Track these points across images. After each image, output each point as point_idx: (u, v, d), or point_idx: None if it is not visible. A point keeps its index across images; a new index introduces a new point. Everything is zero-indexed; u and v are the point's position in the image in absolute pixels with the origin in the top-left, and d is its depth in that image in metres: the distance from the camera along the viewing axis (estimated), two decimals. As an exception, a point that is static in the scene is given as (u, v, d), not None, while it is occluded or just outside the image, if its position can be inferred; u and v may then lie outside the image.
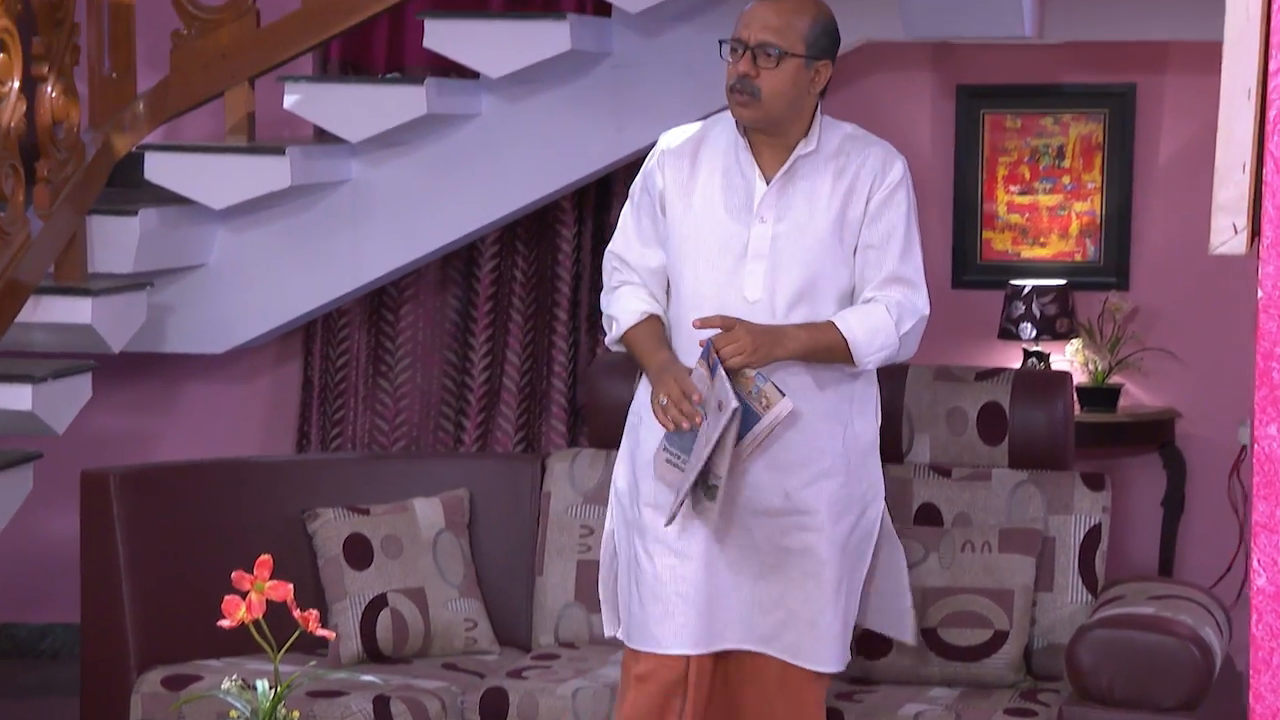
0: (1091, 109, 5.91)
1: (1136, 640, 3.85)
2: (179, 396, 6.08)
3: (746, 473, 3.55)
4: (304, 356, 6.13)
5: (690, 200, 3.61)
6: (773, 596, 3.61)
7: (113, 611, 4.43)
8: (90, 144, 5.13)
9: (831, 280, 3.57)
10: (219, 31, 5.24)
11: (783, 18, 3.49)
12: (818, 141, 3.57)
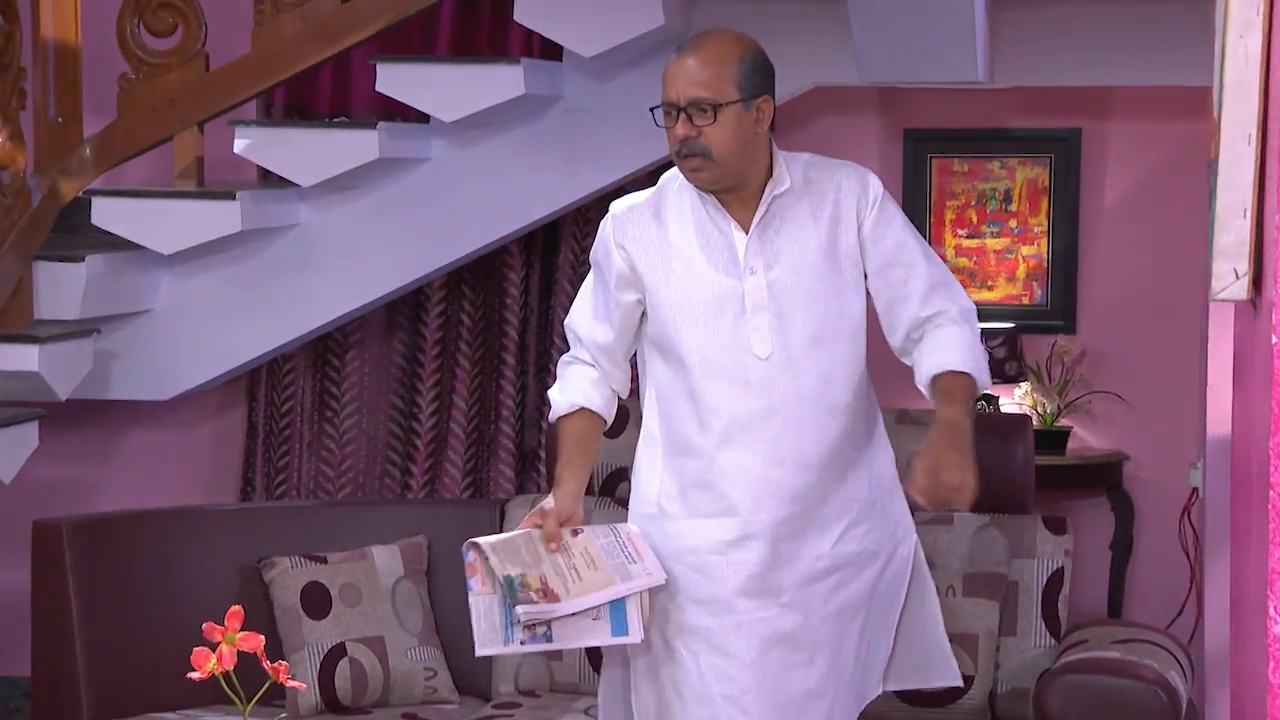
0: (1037, 153, 5.95)
1: (1104, 684, 3.89)
2: (122, 443, 6.03)
3: (786, 540, 3.34)
4: (248, 403, 6.09)
5: (670, 265, 3.39)
6: (823, 679, 3.37)
7: (64, 664, 4.38)
8: (36, 189, 5.07)
9: (840, 316, 3.37)
10: (167, 76, 5.19)
11: (709, 68, 3.28)
12: (780, 179, 3.36)
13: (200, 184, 5.30)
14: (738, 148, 3.29)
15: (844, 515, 3.39)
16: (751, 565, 3.33)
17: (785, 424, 3.32)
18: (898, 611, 3.50)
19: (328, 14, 5.19)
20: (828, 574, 3.37)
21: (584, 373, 3.52)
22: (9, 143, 4.94)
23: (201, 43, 5.18)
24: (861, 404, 3.42)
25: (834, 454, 3.36)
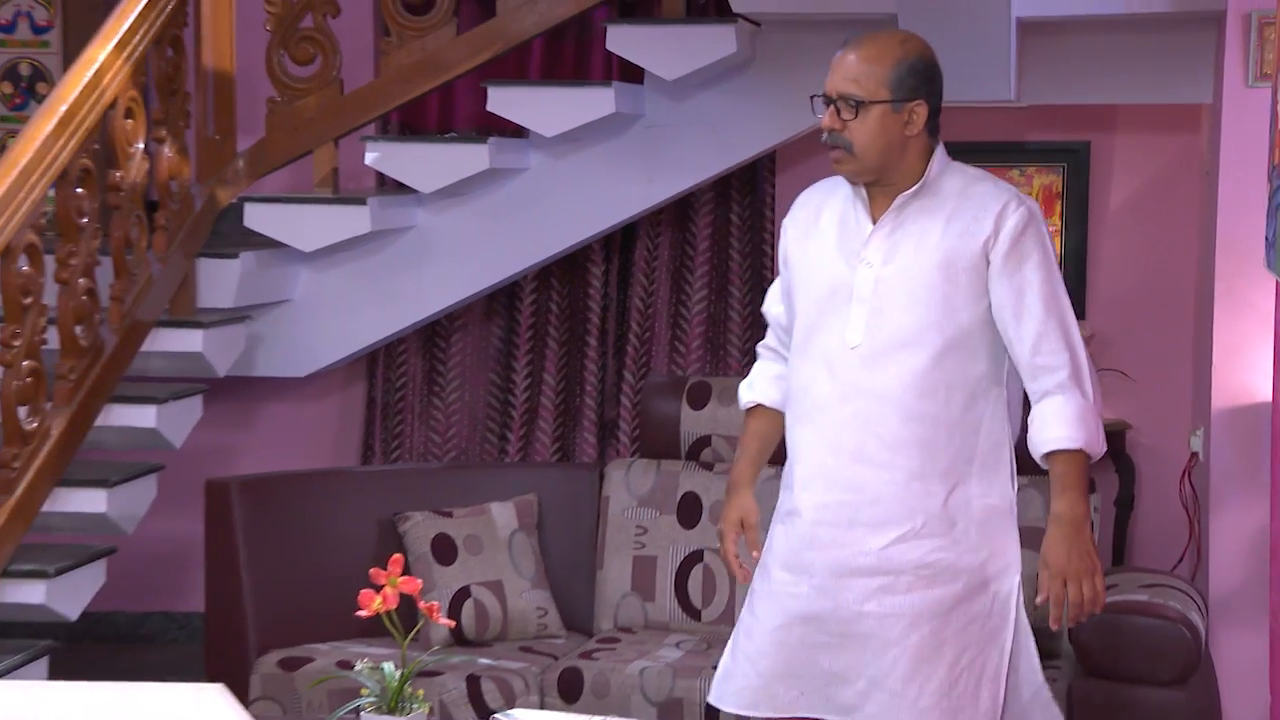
0: (1051, 163, 5.94)
1: (1136, 623, 3.90)
2: (265, 413, 6.06)
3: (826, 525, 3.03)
4: (368, 379, 6.12)
5: (807, 247, 3.12)
6: (852, 666, 3.00)
7: (234, 601, 4.42)
8: (198, 196, 5.14)
9: (937, 328, 2.96)
10: (307, 99, 5.24)
11: (863, 65, 2.96)
12: (928, 184, 3.01)
13: (335, 191, 5.36)
14: (880, 146, 2.97)
15: (904, 521, 2.97)
16: (793, 540, 3.06)
17: (852, 415, 2.99)
18: (1001, 656, 3.01)
19: (442, 46, 5.24)
20: (872, 573, 2.98)
21: (766, 368, 3.28)
22: (176, 157, 4.99)
23: (337, 70, 5.24)
24: (956, 418, 2.98)
25: (898, 456, 2.97)
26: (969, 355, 2.98)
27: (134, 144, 4.73)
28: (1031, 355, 2.96)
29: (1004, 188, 3.06)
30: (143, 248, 4.80)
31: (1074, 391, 2.95)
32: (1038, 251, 2.97)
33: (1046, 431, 2.96)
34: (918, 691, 2.95)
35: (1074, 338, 2.98)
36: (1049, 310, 2.97)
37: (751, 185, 5.93)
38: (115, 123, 4.64)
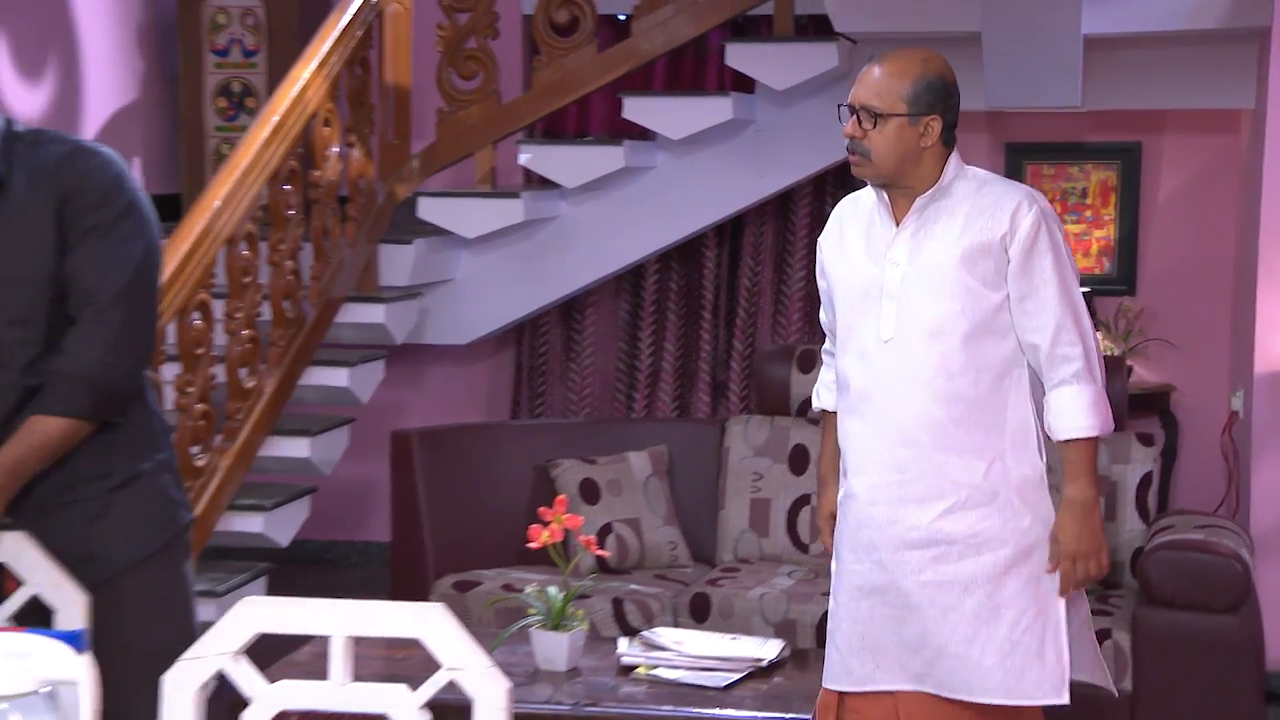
0: (1107, 160, 5.85)
1: (1192, 558, 3.83)
2: (432, 375, 6.12)
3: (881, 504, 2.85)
4: (516, 346, 6.15)
5: (840, 256, 2.95)
6: (919, 635, 2.83)
7: (415, 533, 4.46)
8: (380, 191, 5.17)
9: (961, 316, 2.79)
10: (470, 109, 5.26)
11: (885, 80, 2.79)
12: (943, 187, 2.83)
13: (493, 187, 5.38)
14: (896, 155, 2.78)
15: (948, 495, 2.80)
16: (851, 521, 2.90)
17: (892, 401, 2.82)
18: (1060, 616, 2.83)
19: (584, 63, 5.24)
20: (925, 545, 2.81)
21: (826, 375, 3.10)
22: (363, 158, 5.03)
23: (495, 84, 5.24)
24: (985, 397, 2.80)
25: (938, 436, 2.80)
26: (994, 339, 2.80)
27: (330, 148, 4.78)
28: (1051, 346, 2.78)
29: (1016, 187, 2.88)
30: (336, 235, 4.85)
31: (1088, 380, 2.79)
32: (1052, 248, 2.79)
33: (1065, 420, 2.79)
34: (980, 652, 2.78)
35: (1086, 329, 2.82)
36: (1064, 304, 2.79)
37: (844, 180, 5.87)
38: (316, 130, 4.68)
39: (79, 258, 2.43)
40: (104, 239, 2.44)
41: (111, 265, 2.44)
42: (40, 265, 2.43)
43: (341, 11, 4.85)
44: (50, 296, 2.44)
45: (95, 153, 2.50)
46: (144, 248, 2.49)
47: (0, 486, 2.37)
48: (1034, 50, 4.59)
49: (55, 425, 2.42)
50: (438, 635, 2.11)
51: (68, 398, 2.42)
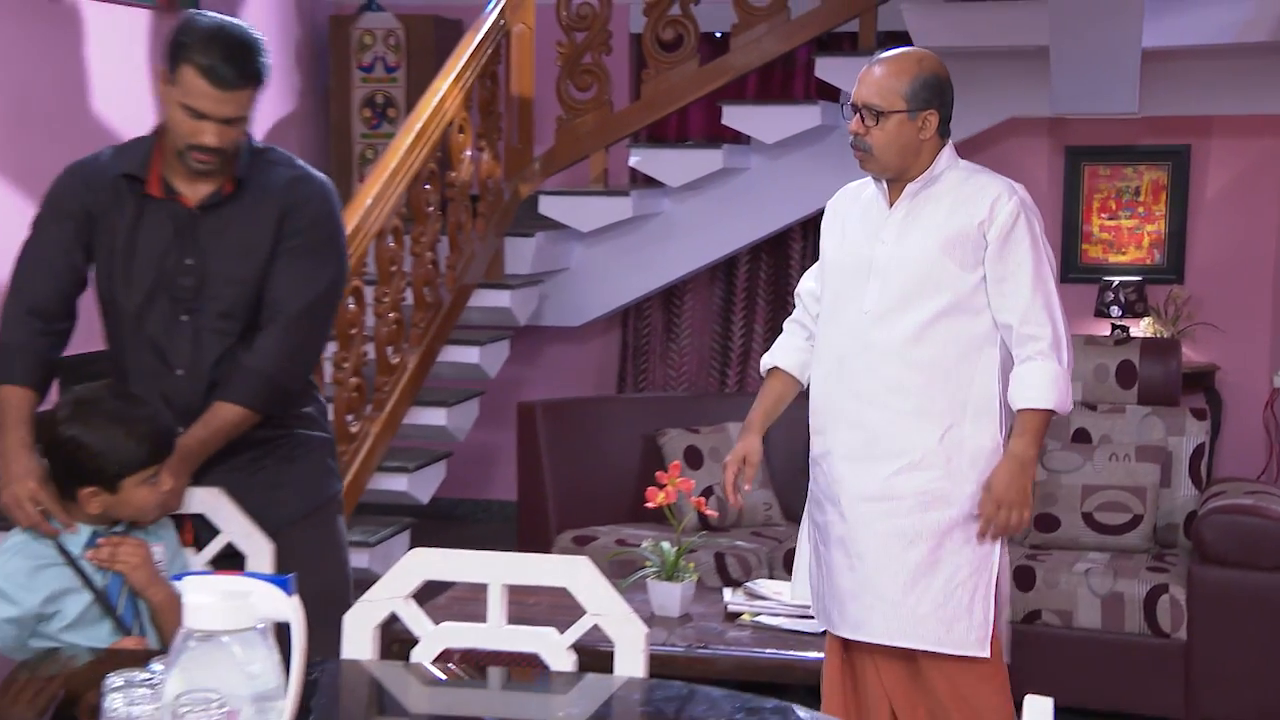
0: (1159, 162, 5.73)
1: (1243, 521, 3.76)
2: (548, 353, 6.13)
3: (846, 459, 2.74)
4: (622, 328, 6.15)
5: (840, 232, 2.83)
6: (862, 582, 2.72)
7: (539, 492, 4.49)
8: (506, 190, 5.19)
9: (935, 292, 2.67)
10: (586, 116, 5.26)
11: (883, 79, 2.68)
12: (934, 176, 2.70)
13: (605, 186, 5.37)
14: (897, 148, 2.67)
15: (904, 455, 2.69)
16: (822, 477, 2.81)
17: (866, 365, 2.71)
18: (991, 577, 2.70)
19: (687, 75, 5.21)
20: (879, 499, 2.70)
21: (789, 340, 2.97)
22: (491, 161, 5.05)
23: (609, 95, 5.24)
24: (950, 368, 2.68)
25: (903, 399, 2.69)
26: (968, 316, 2.68)
27: (464, 152, 4.80)
28: (1019, 325, 2.64)
29: (999, 179, 2.73)
30: (469, 229, 4.88)
31: (1052, 359, 2.64)
32: (1029, 237, 2.66)
33: (1025, 391, 2.65)
34: (915, 601, 2.68)
35: (1056, 313, 2.66)
36: (1036, 288, 2.65)
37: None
38: (452, 136, 4.71)
39: (280, 269, 2.49)
40: (304, 259, 2.50)
41: (305, 283, 2.50)
42: (255, 269, 2.49)
43: (475, 31, 4.87)
44: (254, 298, 2.50)
45: (318, 182, 2.55)
46: (334, 274, 2.56)
47: (187, 461, 2.44)
48: (1097, 62, 4.50)
49: (235, 413, 2.49)
50: (585, 584, 2.12)
51: (250, 391, 2.49)
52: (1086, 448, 4.24)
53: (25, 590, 2.24)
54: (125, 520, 2.34)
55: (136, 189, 2.48)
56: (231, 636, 1.52)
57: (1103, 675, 3.86)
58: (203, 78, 2.36)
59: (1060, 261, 5.84)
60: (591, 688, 2.04)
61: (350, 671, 2.06)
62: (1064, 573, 3.93)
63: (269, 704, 1.53)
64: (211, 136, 2.39)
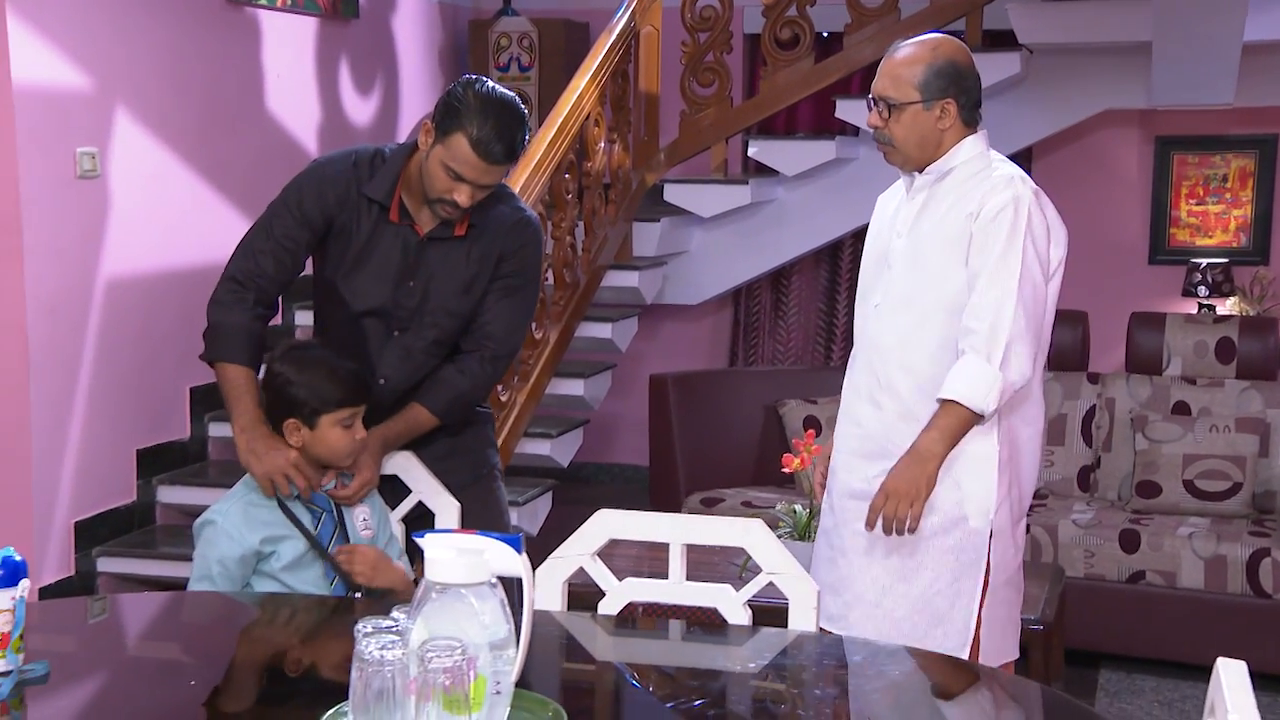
0: (1245, 150, 5.54)
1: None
2: (668, 329, 6.10)
3: (841, 453, 2.55)
4: (734, 306, 6.10)
5: (877, 224, 2.60)
6: (842, 579, 2.52)
7: (669, 457, 4.46)
8: (634, 179, 5.15)
9: (931, 289, 2.41)
10: (707, 110, 5.19)
11: (896, 70, 2.42)
12: (948, 168, 2.44)
13: (725, 175, 5.31)
14: (916, 139, 2.42)
15: (891, 456, 2.43)
16: (833, 468, 2.60)
17: (867, 364, 2.49)
18: (975, 586, 2.43)
19: (804, 71, 5.12)
20: (864, 497, 2.46)
21: None
22: (622, 152, 5.01)
23: (729, 91, 5.17)
24: (943, 372, 2.39)
25: (896, 401, 2.44)
26: (958, 312, 2.38)
27: (598, 144, 4.77)
28: (966, 317, 2.37)
29: (1003, 173, 2.41)
30: (602, 216, 4.85)
31: (980, 355, 2.33)
32: (1010, 235, 2.34)
33: (947, 382, 2.36)
34: (892, 604, 2.45)
35: (1005, 312, 2.33)
36: (992, 283, 2.35)
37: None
38: (588, 130, 4.68)
39: (493, 304, 2.51)
40: (513, 299, 2.53)
41: (515, 322, 2.54)
42: (471, 305, 2.52)
43: (608, 34, 4.84)
44: (465, 328, 2.53)
45: (533, 225, 2.55)
46: (532, 313, 2.60)
47: (380, 451, 2.46)
48: (1199, 55, 4.34)
49: (427, 417, 2.53)
50: (760, 545, 2.09)
51: (447, 404, 2.53)
52: (1186, 419, 4.12)
53: (246, 530, 2.28)
54: (320, 459, 2.35)
55: (376, 211, 2.46)
56: (468, 589, 1.51)
57: (1205, 633, 3.75)
58: (473, 151, 2.31)
59: (1149, 245, 5.67)
60: (767, 640, 2.01)
61: (541, 622, 2.05)
62: (1168, 536, 3.82)
63: (501, 652, 1.52)
64: (465, 198, 2.36)
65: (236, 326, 2.45)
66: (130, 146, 4.03)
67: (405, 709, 1.46)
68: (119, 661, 1.94)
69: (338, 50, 5.06)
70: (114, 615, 2.16)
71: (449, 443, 2.61)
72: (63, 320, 3.81)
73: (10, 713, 1.65)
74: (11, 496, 3.71)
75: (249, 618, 2.15)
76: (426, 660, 1.45)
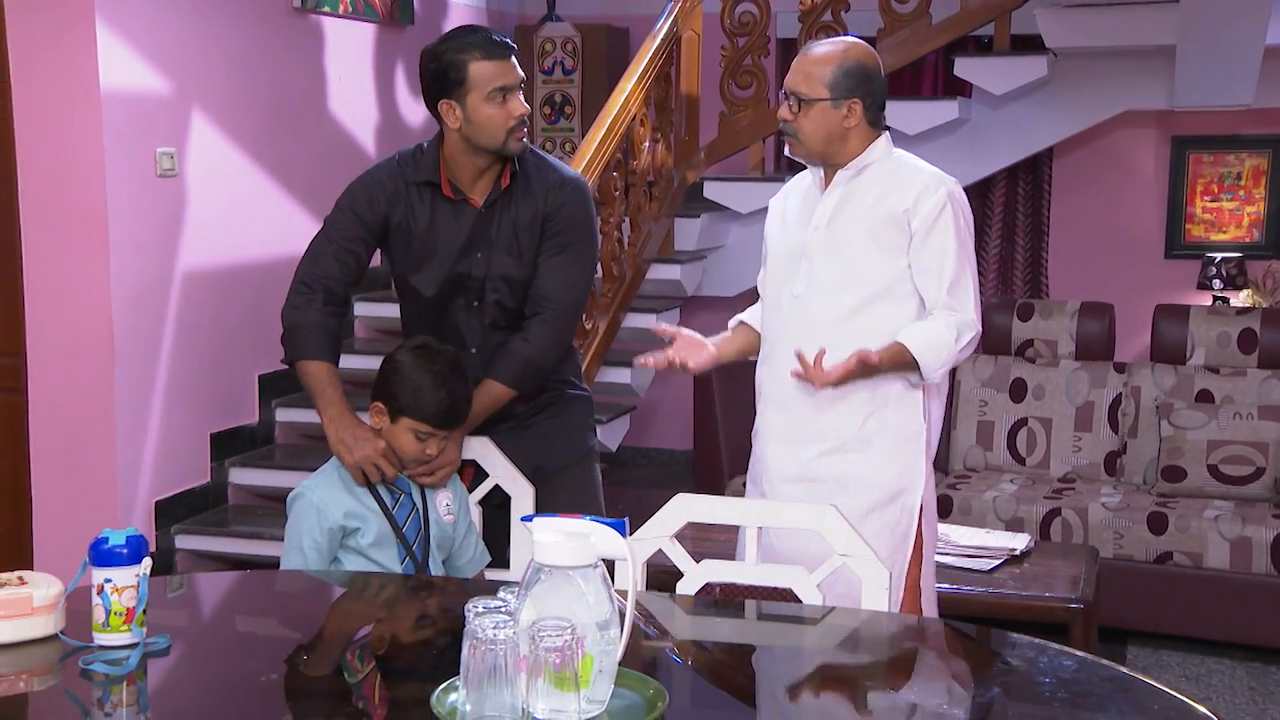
0: (1258, 149, 5.46)
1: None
2: (708, 319, 6.02)
3: (771, 440, 2.51)
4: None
5: (783, 219, 2.56)
6: (780, 556, 2.42)
7: (712, 442, 4.42)
8: (676, 177, 5.12)
9: (859, 279, 2.38)
10: (745, 112, 5.15)
11: (807, 68, 2.40)
12: (865, 165, 2.42)
13: (762, 173, 5.27)
14: (822, 135, 2.39)
15: (825, 439, 2.42)
16: (757, 456, 2.57)
17: (791, 352, 2.41)
18: (906, 559, 2.42)
19: (834, 73, 5.07)
20: (799, 481, 2.45)
21: (748, 313, 2.74)
22: (664, 151, 4.98)
23: (767, 92, 5.13)
24: None
25: None
26: (892, 303, 2.38)
27: (643, 143, 4.73)
28: (947, 297, 2.35)
29: (930, 172, 2.41)
30: (646, 212, 4.82)
31: (953, 330, 2.33)
32: (952, 227, 2.35)
33: (910, 330, 2.35)
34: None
35: (975, 299, 2.37)
36: (960, 272, 2.35)
37: (1033, 168, 5.63)
38: (635, 130, 4.64)
39: (546, 266, 2.48)
40: (563, 256, 2.49)
41: (568, 280, 2.49)
42: (525, 270, 2.50)
43: (652, 39, 4.79)
44: (524, 292, 2.50)
45: (574, 184, 2.52)
46: (589, 267, 2.55)
47: (461, 434, 2.43)
48: (1222, 58, 4.27)
49: (503, 391, 2.50)
50: (833, 529, 2.06)
51: (518, 374, 2.50)
52: (1210, 407, 4.06)
53: (333, 505, 2.28)
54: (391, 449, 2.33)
55: (430, 193, 2.48)
56: (575, 571, 1.49)
57: (1230, 611, 3.71)
58: (487, 60, 2.38)
59: (1165, 240, 5.60)
60: (840, 620, 1.99)
61: (622, 600, 2.03)
62: (1194, 518, 3.78)
63: (606, 632, 1.50)
64: (519, 104, 2.40)
65: (310, 325, 2.45)
66: (205, 146, 4.02)
67: (515, 686, 1.44)
68: (227, 636, 1.93)
69: (394, 54, 5.03)
70: (211, 590, 2.15)
71: (548, 425, 2.59)
72: (145, 311, 3.81)
73: (135, 683, 1.64)
74: (99, 478, 3.71)
75: (341, 594, 2.14)
76: (538, 639, 1.43)
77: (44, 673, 1.68)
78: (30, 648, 1.71)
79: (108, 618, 1.69)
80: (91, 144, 3.59)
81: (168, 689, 1.67)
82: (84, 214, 3.63)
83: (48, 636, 1.72)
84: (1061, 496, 4.00)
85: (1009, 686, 1.71)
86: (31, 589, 1.71)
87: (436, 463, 2.36)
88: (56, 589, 1.74)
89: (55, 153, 3.63)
